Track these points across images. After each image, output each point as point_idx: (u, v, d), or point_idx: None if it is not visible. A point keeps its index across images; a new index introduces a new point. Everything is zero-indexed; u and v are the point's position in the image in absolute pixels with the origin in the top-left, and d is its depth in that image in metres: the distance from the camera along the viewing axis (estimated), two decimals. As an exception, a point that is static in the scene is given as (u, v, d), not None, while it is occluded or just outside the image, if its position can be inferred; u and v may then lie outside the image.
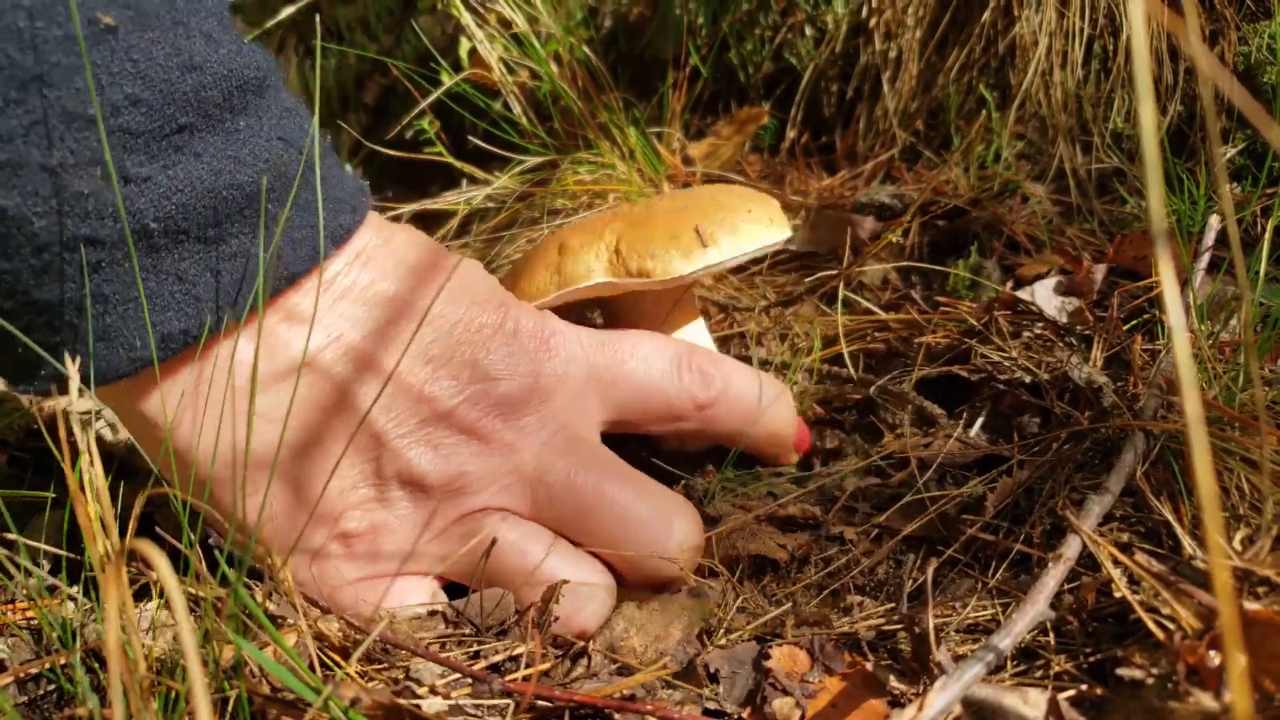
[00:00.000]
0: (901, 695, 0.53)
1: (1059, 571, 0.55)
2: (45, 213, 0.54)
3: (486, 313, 0.69)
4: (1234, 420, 0.63)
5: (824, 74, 1.33)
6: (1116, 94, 1.12)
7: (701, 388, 0.75)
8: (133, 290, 0.57)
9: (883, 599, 0.66)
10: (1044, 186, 1.11)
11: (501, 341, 0.69)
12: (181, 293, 0.58)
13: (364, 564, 0.66)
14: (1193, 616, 0.52)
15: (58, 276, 0.56)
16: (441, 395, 0.66)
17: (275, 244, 0.61)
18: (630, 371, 0.73)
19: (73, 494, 0.46)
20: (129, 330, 0.58)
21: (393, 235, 0.68)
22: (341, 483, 0.65)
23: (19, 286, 0.55)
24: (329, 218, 0.64)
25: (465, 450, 0.67)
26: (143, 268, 0.57)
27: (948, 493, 0.71)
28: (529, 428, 0.69)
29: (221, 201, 0.58)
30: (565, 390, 0.71)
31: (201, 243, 0.58)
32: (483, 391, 0.67)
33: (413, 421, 0.65)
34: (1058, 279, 0.90)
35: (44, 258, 0.55)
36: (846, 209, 1.15)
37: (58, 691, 0.56)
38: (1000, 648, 0.50)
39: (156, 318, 0.58)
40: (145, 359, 0.58)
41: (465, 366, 0.67)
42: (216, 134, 0.58)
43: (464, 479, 0.66)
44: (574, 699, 0.51)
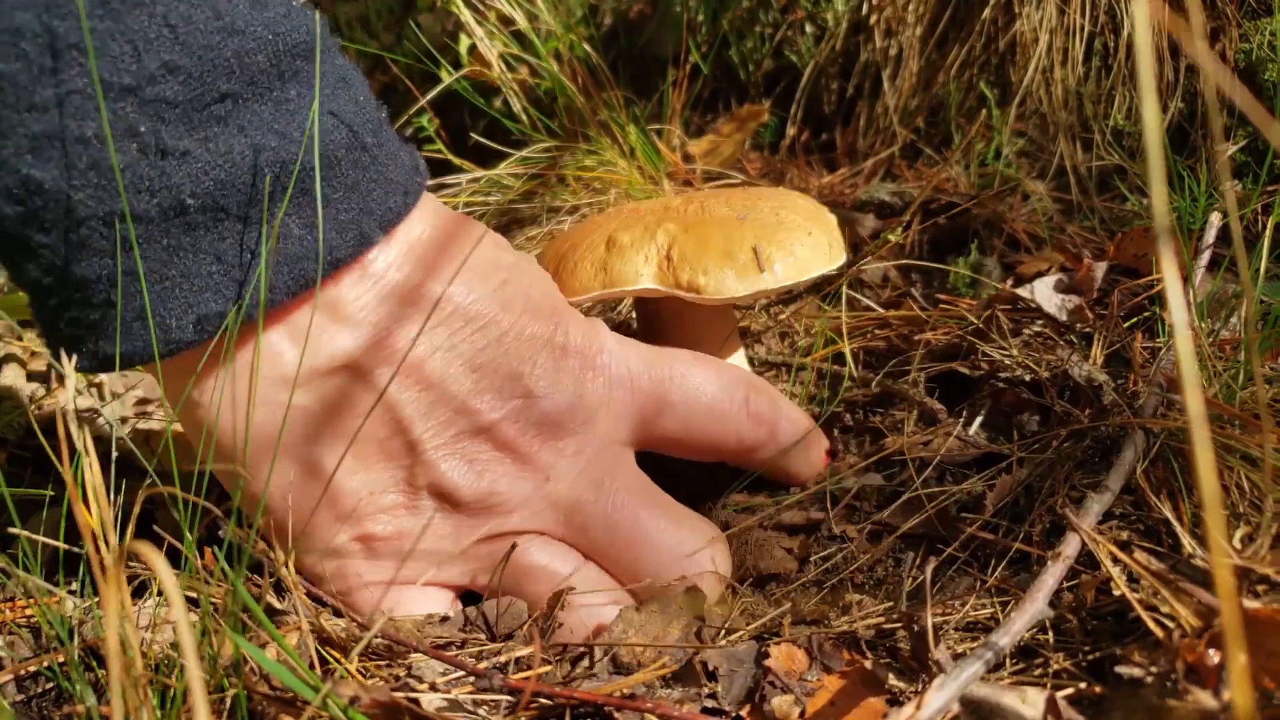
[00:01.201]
0: (900, 693, 0.53)
1: (1058, 570, 0.55)
2: (82, 186, 0.51)
3: (539, 322, 0.66)
4: (1234, 418, 0.63)
5: (824, 71, 1.33)
6: (1117, 91, 1.11)
7: (751, 430, 0.72)
8: (170, 268, 0.55)
9: (882, 597, 0.66)
10: (1044, 184, 1.11)
11: (549, 356, 0.66)
12: (220, 274, 0.55)
13: (383, 568, 0.65)
14: (1192, 615, 0.52)
15: (95, 252, 0.53)
16: (483, 409, 0.64)
17: (319, 228, 0.57)
18: (676, 402, 0.70)
19: (70, 493, 0.46)
20: (165, 310, 0.55)
21: (446, 223, 0.65)
22: (372, 485, 0.63)
23: (57, 261, 0.53)
24: (378, 200, 0.60)
25: (500, 469, 0.65)
26: (179, 247, 0.54)
27: (947, 490, 0.71)
28: (567, 451, 0.66)
29: (264, 179, 0.55)
30: (608, 413, 0.68)
31: (242, 222, 0.55)
32: (524, 408, 0.65)
33: (450, 433, 0.63)
34: (1058, 276, 0.90)
35: (81, 232, 0.52)
36: (847, 207, 1.15)
37: (56, 690, 0.56)
38: (999, 646, 0.50)
39: (194, 299, 0.55)
40: (181, 340, 0.56)
41: (510, 379, 0.64)
42: (263, 103, 0.55)
43: (497, 498, 0.65)
44: (574, 696, 0.51)
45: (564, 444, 0.66)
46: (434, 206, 0.65)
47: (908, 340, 0.91)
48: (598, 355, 0.68)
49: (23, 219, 0.52)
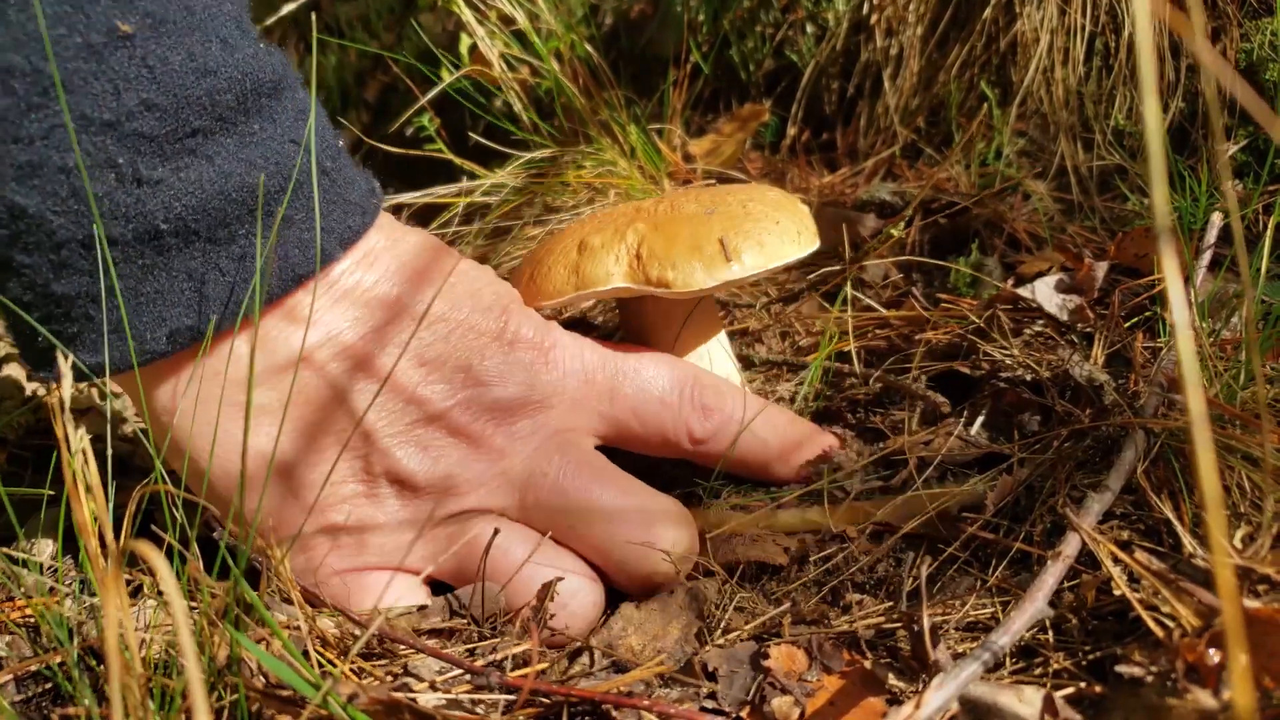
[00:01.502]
0: (900, 693, 0.53)
1: (1058, 569, 0.55)
2: (63, 212, 0.56)
3: (488, 319, 0.70)
4: (1235, 418, 0.63)
5: (825, 71, 1.33)
6: (1118, 91, 1.11)
7: (699, 421, 0.74)
8: (144, 286, 0.59)
9: (882, 597, 0.65)
10: (1045, 184, 1.11)
11: (499, 348, 0.69)
12: (191, 290, 0.60)
13: (349, 556, 0.67)
14: (1192, 614, 0.52)
15: (74, 271, 0.57)
16: (434, 398, 0.67)
17: (275, 246, 0.62)
18: (628, 394, 0.74)
19: (69, 492, 0.46)
20: (140, 324, 0.60)
21: (402, 237, 0.69)
22: (332, 476, 0.66)
23: (38, 280, 0.57)
24: (338, 220, 0.65)
25: (455, 453, 0.67)
26: (153, 266, 0.59)
27: (948, 490, 0.71)
28: (520, 433, 0.69)
29: (231, 204, 0.60)
30: (561, 401, 0.71)
31: (211, 243, 0.60)
32: (475, 396, 0.68)
33: (403, 422, 0.66)
34: (1059, 276, 0.90)
35: (62, 254, 0.57)
36: (848, 206, 1.15)
37: (55, 690, 0.56)
38: (998, 646, 0.50)
39: (166, 313, 0.60)
40: (154, 352, 0.60)
41: (459, 370, 0.68)
42: (229, 136, 0.59)
43: (451, 480, 0.67)
44: (572, 694, 0.51)
45: (517, 426, 0.69)
46: (390, 223, 0.69)
47: (909, 340, 0.91)
48: (551, 349, 0.72)
49: (6, 241, 0.56)
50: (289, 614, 0.61)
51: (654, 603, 0.63)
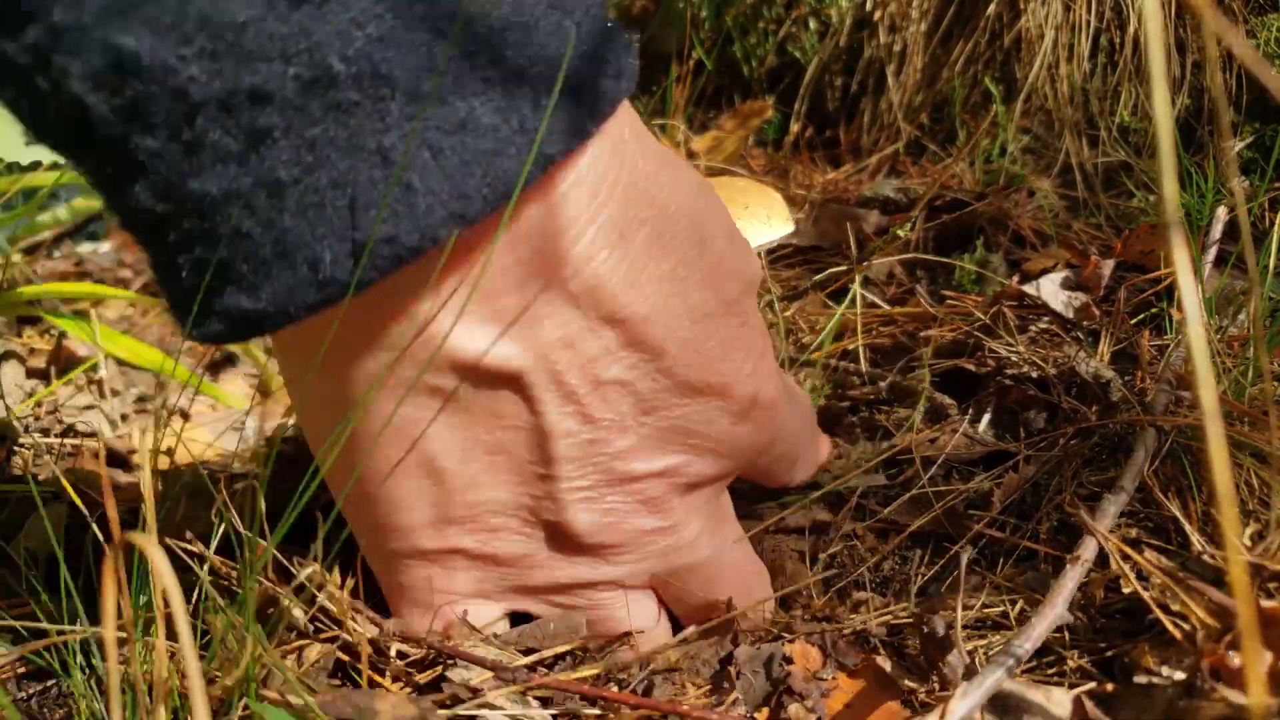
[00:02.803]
0: (914, 694, 0.52)
1: (1077, 574, 0.54)
2: (191, 56, 0.36)
3: (737, 373, 0.55)
4: (1243, 415, 0.63)
5: (828, 67, 1.33)
6: (1123, 87, 1.11)
7: (803, 474, 0.69)
8: (316, 175, 0.39)
9: (890, 595, 0.65)
10: (1050, 180, 1.10)
11: (729, 418, 0.56)
12: (385, 180, 0.40)
13: (457, 581, 0.57)
14: (1204, 613, 0.52)
15: (216, 156, 0.38)
16: (638, 465, 0.54)
17: (507, 111, 0.41)
18: (776, 454, 0.63)
19: (71, 492, 0.45)
20: (314, 239, 0.40)
21: (638, 128, 0.50)
22: (489, 504, 0.54)
23: (170, 175, 0.39)
24: (590, 78, 0.44)
25: (633, 522, 0.55)
26: (329, 141, 0.39)
27: (954, 488, 0.71)
28: (694, 504, 0.57)
29: (439, 35, 0.39)
30: (740, 463, 0.59)
31: (413, 100, 0.39)
32: (680, 467, 0.55)
33: (595, 477, 0.53)
34: (1065, 273, 0.90)
35: (197, 126, 0.38)
36: (851, 203, 1.14)
37: (56, 688, 0.56)
38: (1020, 651, 0.49)
39: (353, 219, 0.40)
40: (336, 280, 0.41)
41: (677, 434, 0.54)
42: None
43: (614, 550, 0.56)
44: (603, 695, 0.50)
45: (694, 500, 0.57)
46: (628, 113, 0.50)
47: (913, 337, 0.91)
48: (777, 414, 0.59)
49: (119, 115, 0.37)
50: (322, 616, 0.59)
51: (694, 629, 0.62)
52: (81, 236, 1.36)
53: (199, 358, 1.08)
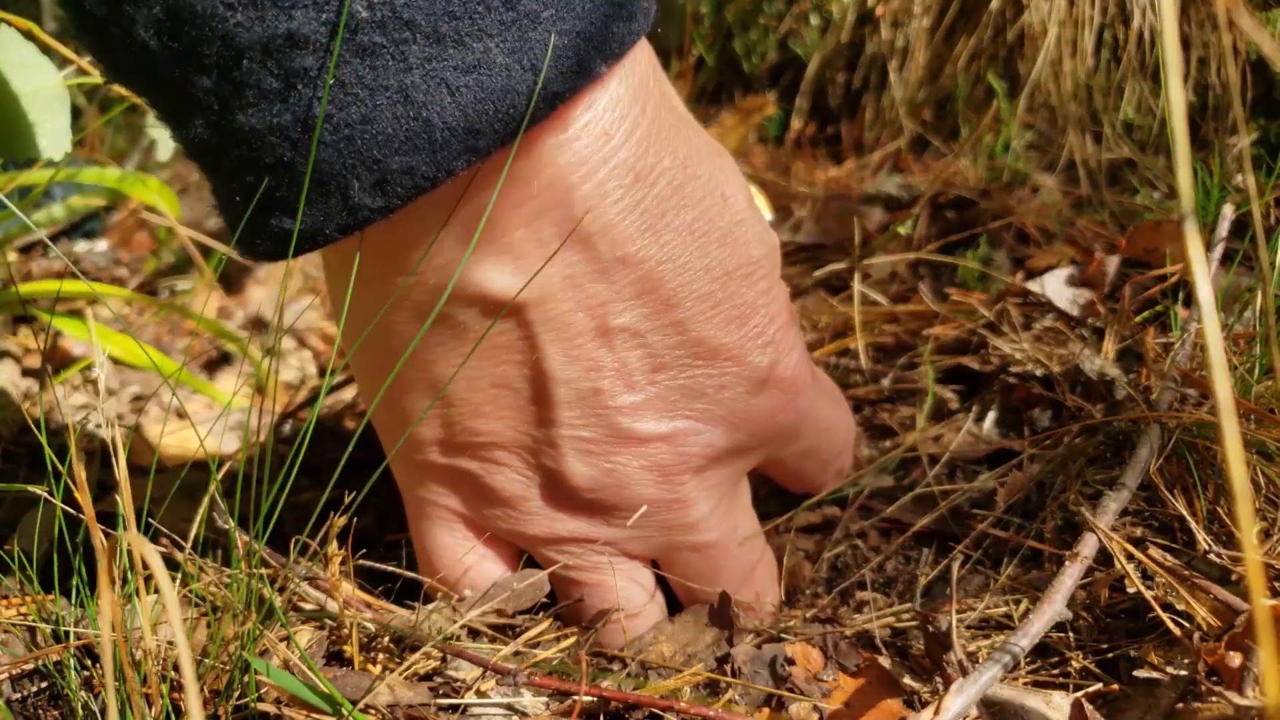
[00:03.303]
0: (915, 694, 0.52)
1: (1076, 571, 0.54)
2: (236, 5, 0.41)
3: (754, 342, 0.55)
4: (1250, 412, 0.62)
5: (830, 63, 1.32)
6: (1127, 83, 1.10)
7: (835, 475, 0.70)
8: (347, 112, 0.43)
9: (894, 596, 0.65)
10: (1054, 177, 1.10)
11: (747, 386, 0.55)
12: (407, 116, 0.43)
13: (459, 503, 0.58)
14: (1209, 613, 0.51)
15: (261, 94, 0.42)
16: (642, 425, 0.54)
17: (516, 51, 0.44)
18: (806, 447, 0.63)
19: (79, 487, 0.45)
20: (345, 169, 0.44)
21: (664, 82, 0.52)
22: (489, 433, 0.54)
23: (222, 109, 0.43)
24: (601, 20, 0.45)
25: (635, 488, 0.55)
26: (353, 81, 0.42)
27: (959, 487, 0.70)
28: (708, 483, 0.57)
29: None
30: (763, 447, 0.59)
31: (433, 43, 0.42)
32: (689, 434, 0.55)
33: (596, 430, 0.53)
34: (1069, 270, 0.89)
35: (243, 67, 0.42)
36: (853, 200, 1.14)
37: (51, 689, 0.55)
38: (1017, 649, 0.49)
39: (376, 151, 0.43)
40: (365, 208, 0.45)
41: (687, 395, 0.54)
42: None
43: (613, 512, 0.56)
44: (600, 693, 0.50)
45: (709, 476, 0.57)
46: (648, 58, 0.50)
47: (916, 335, 0.90)
48: (797, 396, 0.58)
49: (177, 57, 0.42)
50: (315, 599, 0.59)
51: (688, 614, 0.61)
52: (77, 235, 1.36)
53: (195, 357, 1.08)
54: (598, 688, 0.50)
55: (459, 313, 0.50)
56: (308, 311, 1.21)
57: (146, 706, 0.45)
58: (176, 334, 1.14)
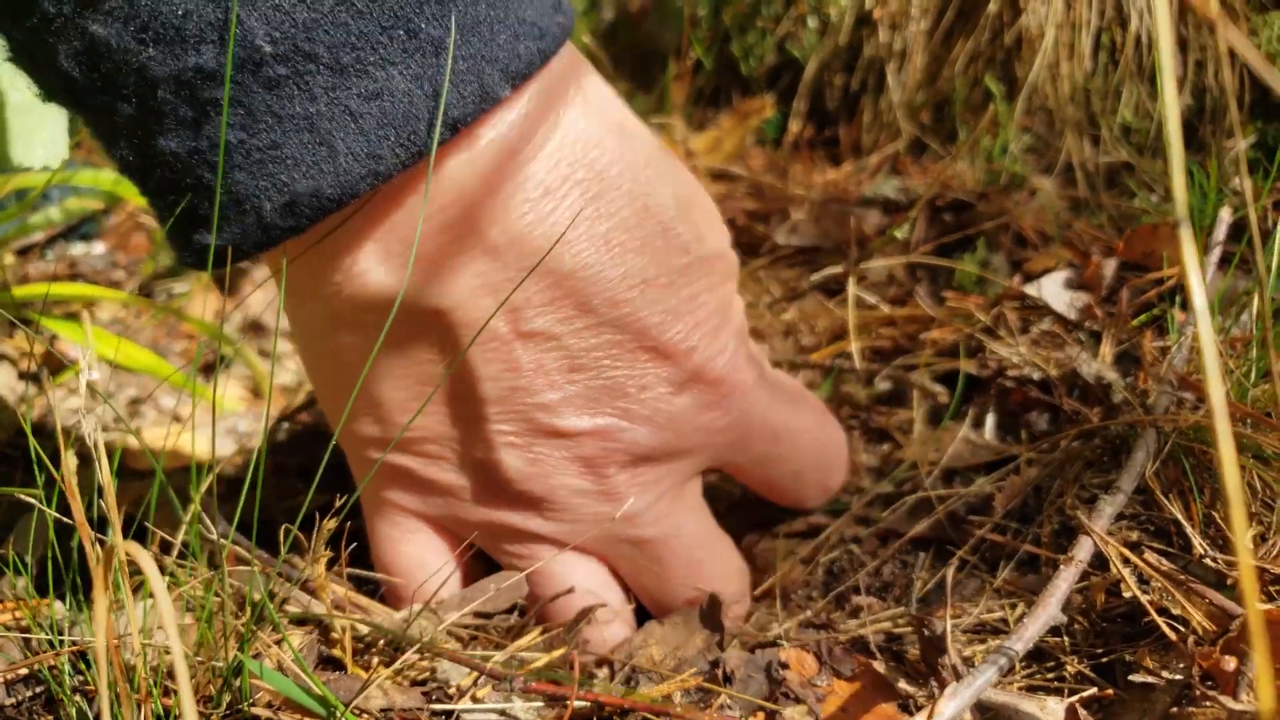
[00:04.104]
0: (911, 698, 0.52)
1: (1071, 575, 0.54)
2: (148, 40, 0.43)
3: (677, 332, 0.55)
4: (1246, 416, 0.62)
5: (828, 66, 1.32)
6: (1125, 86, 1.10)
7: (819, 498, 0.72)
8: (255, 138, 0.45)
9: (890, 600, 0.65)
10: (1051, 180, 1.09)
11: (668, 384, 0.56)
12: (313, 143, 0.45)
13: (408, 502, 0.60)
14: (1204, 617, 0.51)
15: (177, 120, 0.45)
16: (565, 421, 0.55)
17: (417, 79, 0.46)
18: (770, 457, 0.65)
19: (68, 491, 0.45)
20: (258, 191, 0.46)
21: (593, 99, 0.53)
22: (423, 429, 0.57)
23: (145, 135, 0.46)
24: (504, 44, 0.47)
25: (563, 480, 0.57)
26: (262, 110, 0.44)
27: (955, 492, 0.70)
28: (642, 479, 0.58)
29: (357, 15, 0.44)
30: (703, 450, 0.60)
31: (335, 73, 0.44)
32: (613, 431, 0.56)
33: (522, 425, 0.55)
34: (1066, 274, 0.89)
35: (159, 97, 0.44)
36: (851, 203, 1.14)
37: (46, 694, 0.55)
38: (1012, 652, 0.49)
39: (284, 175, 0.46)
40: (278, 228, 0.47)
41: (608, 393, 0.55)
42: None
43: (545, 505, 0.57)
44: (592, 698, 0.50)
45: (642, 473, 0.58)
46: (573, 61, 0.52)
47: (914, 339, 0.90)
48: (730, 394, 0.58)
49: (99, 87, 0.45)
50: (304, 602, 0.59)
51: (677, 616, 0.61)
52: (74, 238, 1.36)
53: (193, 360, 1.07)
54: (592, 693, 0.50)
55: (374, 320, 0.52)
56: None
57: (138, 712, 0.45)
58: (174, 337, 1.14)
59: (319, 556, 0.54)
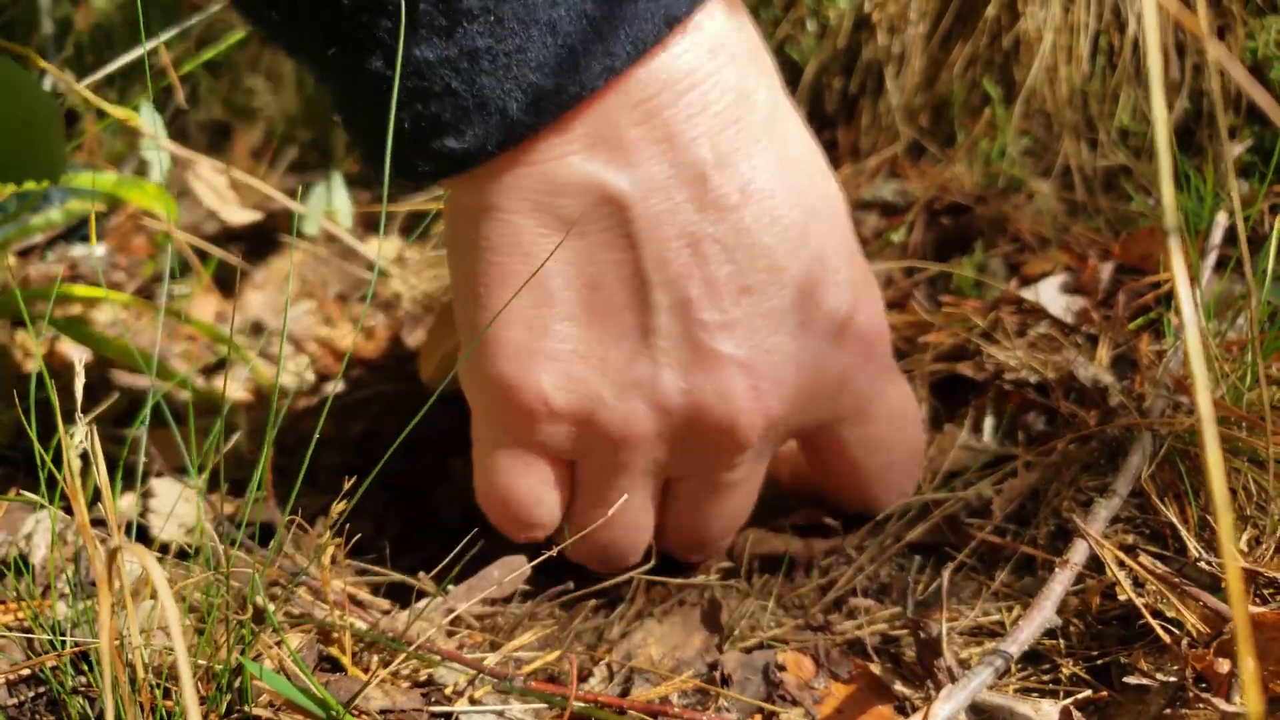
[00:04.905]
0: (907, 700, 0.52)
1: (1066, 577, 0.54)
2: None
3: (832, 289, 0.58)
4: (1241, 420, 0.63)
5: (826, 69, 1.32)
6: (1122, 90, 1.10)
7: (893, 492, 0.72)
8: (503, 43, 0.50)
9: (887, 603, 0.65)
10: (1049, 183, 1.10)
11: (822, 338, 0.58)
12: (555, 45, 0.50)
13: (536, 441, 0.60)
14: (1198, 620, 0.52)
15: (432, 30, 0.50)
16: (724, 347, 0.56)
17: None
18: (865, 439, 0.67)
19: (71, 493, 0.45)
20: (504, 92, 0.51)
21: (749, 20, 0.57)
22: (579, 343, 0.57)
23: (398, 46, 0.50)
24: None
25: (711, 399, 0.58)
26: (509, 17, 0.49)
27: (954, 495, 0.70)
28: (765, 428, 0.60)
29: None
30: (827, 409, 0.63)
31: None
32: (768, 367, 0.58)
33: (686, 347, 0.57)
34: (1064, 277, 0.89)
35: (420, 10, 0.49)
36: (850, 205, 1.14)
37: (48, 695, 0.56)
38: (1007, 654, 0.49)
39: (532, 75, 0.50)
40: (523, 124, 0.52)
41: (773, 326, 0.57)
42: None
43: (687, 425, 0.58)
44: (592, 699, 0.50)
45: (772, 418, 0.59)
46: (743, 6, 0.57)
47: (911, 342, 0.90)
48: (871, 362, 0.61)
49: (364, 6, 0.49)
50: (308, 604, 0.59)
51: (676, 615, 0.62)
52: (75, 239, 1.36)
53: (191, 361, 1.08)
54: (591, 693, 0.50)
55: (566, 203, 0.54)
56: (305, 317, 1.21)
57: (141, 712, 0.46)
58: (174, 338, 1.14)
59: (327, 545, 0.54)
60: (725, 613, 0.63)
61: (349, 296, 1.27)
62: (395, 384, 0.96)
